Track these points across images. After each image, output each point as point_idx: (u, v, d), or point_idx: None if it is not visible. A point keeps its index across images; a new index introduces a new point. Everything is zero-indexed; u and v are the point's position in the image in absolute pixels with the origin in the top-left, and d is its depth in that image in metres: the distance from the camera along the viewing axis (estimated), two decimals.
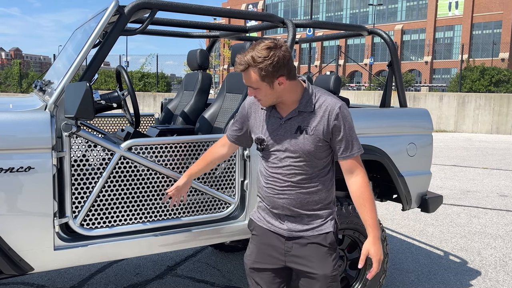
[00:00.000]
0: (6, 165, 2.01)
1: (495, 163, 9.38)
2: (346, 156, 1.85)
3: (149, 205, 2.36)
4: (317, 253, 1.91)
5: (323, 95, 1.85)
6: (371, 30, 3.30)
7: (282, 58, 1.71)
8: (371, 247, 1.85)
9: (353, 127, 1.85)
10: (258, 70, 1.71)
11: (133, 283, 3.50)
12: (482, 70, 17.72)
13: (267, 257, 1.98)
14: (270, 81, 1.74)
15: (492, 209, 5.87)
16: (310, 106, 1.83)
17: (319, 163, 1.87)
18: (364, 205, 1.85)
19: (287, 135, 1.85)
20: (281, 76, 1.74)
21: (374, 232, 1.84)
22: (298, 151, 1.83)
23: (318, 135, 1.81)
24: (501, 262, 4.08)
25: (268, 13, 2.82)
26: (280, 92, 1.79)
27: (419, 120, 3.27)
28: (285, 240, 1.93)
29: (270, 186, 1.92)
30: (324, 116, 1.81)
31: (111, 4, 2.27)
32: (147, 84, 21.37)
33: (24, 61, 33.95)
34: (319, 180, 1.89)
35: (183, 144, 2.41)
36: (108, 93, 2.75)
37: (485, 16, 49.06)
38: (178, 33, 3.74)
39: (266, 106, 1.86)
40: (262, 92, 1.78)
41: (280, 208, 1.92)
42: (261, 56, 1.69)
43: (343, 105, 1.82)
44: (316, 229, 1.91)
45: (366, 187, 1.85)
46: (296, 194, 1.88)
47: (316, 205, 1.91)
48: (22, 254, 2.11)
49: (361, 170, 1.87)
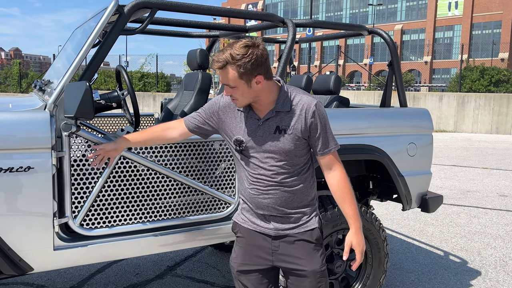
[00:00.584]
0: (6, 165, 2.01)
1: (495, 163, 9.38)
2: (324, 152, 1.88)
3: (149, 205, 2.36)
4: (305, 250, 1.93)
5: (298, 94, 1.87)
6: (371, 29, 3.30)
7: (260, 57, 1.71)
8: (353, 238, 1.90)
9: (328, 124, 1.89)
10: (237, 67, 1.69)
11: (133, 283, 3.50)
12: (482, 70, 17.72)
13: (254, 258, 1.97)
14: (248, 79, 1.73)
15: (492, 209, 5.87)
16: (287, 105, 1.83)
17: (299, 160, 1.90)
18: (344, 198, 1.89)
19: (266, 135, 1.84)
20: (259, 74, 1.74)
21: (356, 223, 1.89)
22: (279, 151, 1.84)
23: (296, 133, 1.84)
24: (501, 262, 4.08)
25: (268, 13, 2.82)
26: (257, 91, 1.78)
27: (419, 120, 3.27)
28: (272, 239, 1.94)
29: (254, 187, 1.90)
30: (301, 115, 1.83)
31: (111, 3, 2.26)
32: (146, 84, 21.36)
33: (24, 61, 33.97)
34: (301, 178, 1.91)
35: (183, 144, 2.41)
36: (108, 93, 2.74)
37: (485, 16, 49.07)
38: (178, 32, 3.73)
39: (242, 106, 1.84)
40: (239, 91, 1.76)
41: (266, 209, 1.91)
42: (239, 53, 1.68)
43: (318, 103, 1.86)
44: (302, 226, 1.93)
45: (345, 181, 1.89)
46: (280, 193, 1.89)
47: (300, 203, 1.93)
48: (21, 254, 2.10)
49: (339, 165, 1.91)
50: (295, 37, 2.81)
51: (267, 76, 1.77)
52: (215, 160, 2.50)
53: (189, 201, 2.47)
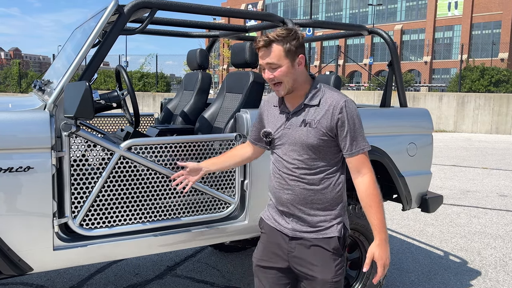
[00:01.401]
0: (5, 165, 2.00)
1: (495, 163, 9.38)
2: (351, 153, 1.81)
3: (149, 205, 2.35)
4: (319, 257, 1.88)
5: (329, 91, 1.86)
6: (371, 29, 3.30)
7: (301, 38, 1.79)
8: (376, 250, 1.79)
9: (359, 123, 1.82)
10: (283, 44, 1.75)
11: (133, 283, 3.49)
12: (482, 70, 17.73)
13: (272, 255, 1.97)
14: (292, 58, 1.77)
15: (492, 209, 5.87)
16: (315, 100, 1.83)
17: (323, 159, 1.85)
18: (370, 206, 1.80)
19: (293, 128, 1.86)
20: (302, 54, 1.80)
21: (380, 234, 1.79)
22: (301, 144, 1.84)
23: (321, 128, 1.81)
24: (501, 262, 4.08)
25: (268, 13, 2.82)
26: (297, 74, 1.81)
27: (419, 120, 3.27)
28: (289, 240, 1.92)
29: (277, 181, 1.93)
30: (328, 111, 1.80)
31: (111, 3, 2.26)
32: (146, 84, 21.37)
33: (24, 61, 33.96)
34: (325, 179, 1.87)
35: (182, 144, 2.40)
36: (108, 93, 2.74)
37: (485, 16, 49.09)
38: (177, 32, 3.73)
39: (283, 93, 1.85)
40: (283, 71, 1.78)
41: (285, 205, 1.91)
42: (284, 33, 1.75)
43: (349, 101, 1.81)
44: (320, 232, 1.88)
45: (373, 188, 1.81)
46: (300, 190, 1.87)
47: (320, 205, 1.88)
48: (21, 254, 2.10)
49: (368, 169, 1.83)
50: None
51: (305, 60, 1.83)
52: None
53: (189, 201, 2.47)
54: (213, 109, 3.31)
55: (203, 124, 3.26)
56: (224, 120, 3.16)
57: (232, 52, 3.16)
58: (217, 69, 39.79)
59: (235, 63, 3.14)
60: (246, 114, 2.54)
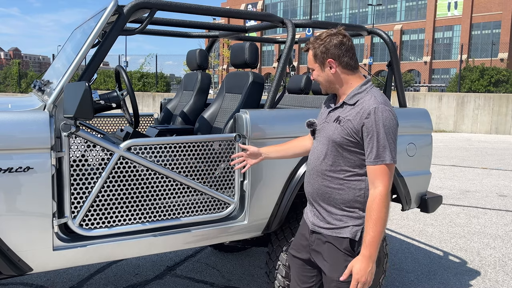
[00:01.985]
0: (5, 165, 2.00)
1: (494, 163, 9.39)
2: (371, 161, 1.77)
3: (148, 205, 2.35)
4: (331, 255, 1.91)
5: (370, 95, 1.84)
6: (371, 30, 3.30)
7: (335, 43, 1.85)
8: (356, 264, 1.76)
9: (389, 133, 1.75)
10: (312, 50, 1.90)
11: (133, 283, 3.49)
12: (482, 70, 17.73)
13: (299, 245, 2.08)
14: (321, 62, 1.89)
15: (491, 209, 5.87)
16: (353, 100, 1.86)
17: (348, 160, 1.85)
18: (368, 220, 1.75)
19: (329, 123, 1.92)
20: (331, 58, 1.85)
21: (365, 250, 1.75)
22: (328, 138, 1.89)
23: (347, 128, 1.82)
24: (501, 262, 4.08)
25: (268, 13, 2.82)
26: (330, 76, 1.89)
27: (419, 120, 3.27)
28: (310, 233, 2.01)
29: (307, 171, 2.02)
30: (359, 113, 1.81)
31: (110, 3, 2.26)
32: (146, 84, 21.36)
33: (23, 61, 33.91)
34: (345, 180, 1.88)
35: (182, 144, 2.40)
36: (107, 93, 2.74)
37: (484, 16, 49.09)
38: (177, 33, 3.73)
39: (324, 91, 1.98)
40: (315, 73, 1.93)
41: (308, 197, 2.02)
42: (318, 39, 1.88)
43: (381, 108, 1.76)
44: (334, 230, 1.90)
45: (378, 203, 1.73)
46: (319, 186, 1.93)
47: (336, 205, 1.90)
48: (21, 254, 2.10)
49: (382, 183, 1.74)
50: (295, 37, 2.81)
51: (342, 64, 1.87)
52: (215, 160, 2.50)
53: (189, 202, 2.47)
54: (212, 109, 3.31)
55: (203, 124, 3.26)
56: (223, 120, 3.16)
57: (232, 52, 3.16)
58: (217, 69, 39.76)
59: (234, 63, 3.14)
60: (245, 114, 2.54)
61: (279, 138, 2.61)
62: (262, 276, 3.68)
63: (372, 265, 1.75)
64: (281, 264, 2.69)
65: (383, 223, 1.74)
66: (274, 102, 2.73)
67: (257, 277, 3.67)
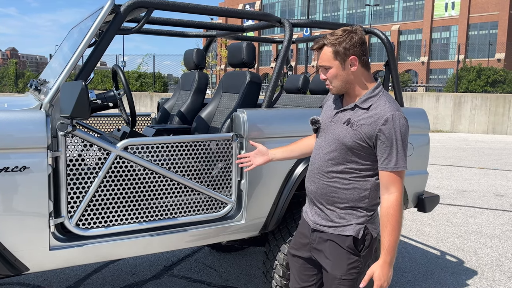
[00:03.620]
0: (1, 165, 1.99)
1: (491, 163, 9.41)
2: (384, 167, 1.78)
3: (145, 205, 2.35)
4: (334, 252, 1.91)
5: (384, 99, 1.83)
6: (368, 29, 3.30)
7: (357, 40, 1.79)
8: (376, 270, 1.79)
9: (402, 140, 1.76)
10: (332, 46, 1.80)
11: (130, 283, 3.49)
12: (479, 70, 17.78)
13: (300, 244, 2.06)
14: (342, 60, 1.81)
15: (488, 208, 5.88)
16: (367, 104, 1.83)
17: (356, 163, 1.85)
18: (386, 226, 1.77)
19: (337, 123, 1.89)
20: (353, 55, 1.80)
21: (386, 256, 1.78)
22: (337, 140, 1.86)
23: (360, 132, 1.80)
24: (497, 262, 4.09)
25: (265, 13, 2.82)
26: (350, 75, 1.83)
27: (416, 120, 3.27)
28: (311, 231, 1.99)
29: (310, 169, 1.99)
30: (373, 118, 1.79)
31: (107, 3, 2.25)
32: (143, 84, 21.34)
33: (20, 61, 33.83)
34: (350, 180, 1.87)
35: (179, 143, 2.40)
36: (104, 93, 2.73)
37: (482, 16, 49.22)
38: (174, 32, 3.73)
39: (337, 92, 1.90)
40: (333, 73, 1.83)
41: (310, 195, 1.99)
42: (336, 35, 1.80)
43: (398, 115, 1.76)
44: (337, 228, 1.90)
45: (395, 209, 1.76)
46: (323, 185, 1.91)
47: (340, 204, 1.89)
48: (17, 254, 2.09)
49: (397, 189, 1.78)
50: (292, 37, 2.81)
51: (362, 62, 1.83)
52: (212, 160, 2.49)
53: (186, 201, 2.46)
54: (210, 109, 3.30)
55: (200, 124, 3.26)
56: (221, 120, 3.16)
57: (229, 52, 3.16)
58: (214, 69, 39.76)
59: (232, 63, 3.13)
60: (243, 114, 2.54)
61: (276, 138, 2.61)
62: (260, 275, 3.68)
63: (391, 269, 1.81)
64: (278, 263, 2.69)
65: (400, 227, 1.79)
66: (271, 101, 2.73)
67: (255, 276, 3.67)
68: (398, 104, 1.88)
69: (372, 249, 1.94)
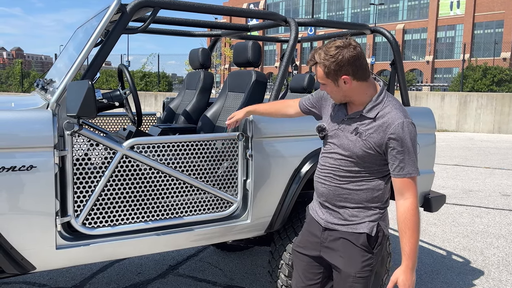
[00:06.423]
0: (8, 164, 2.00)
1: (497, 163, 9.36)
2: (397, 174, 1.79)
3: (151, 204, 2.35)
4: (347, 250, 1.91)
5: (390, 106, 1.82)
6: (374, 28, 3.29)
7: (348, 58, 1.75)
8: (400, 275, 1.80)
9: (411, 147, 1.77)
10: (323, 67, 1.80)
11: (135, 282, 3.49)
12: (484, 69, 17.69)
13: (307, 242, 2.06)
14: (334, 79, 1.81)
15: (494, 208, 5.85)
16: (373, 113, 1.83)
17: (368, 168, 1.87)
18: (405, 232, 1.79)
19: (345, 132, 1.89)
20: (345, 75, 1.78)
21: (408, 261, 1.79)
22: (347, 150, 1.86)
23: (370, 142, 1.81)
24: (504, 262, 4.07)
25: (271, 12, 2.81)
26: (346, 91, 1.83)
27: (422, 119, 3.25)
28: (322, 230, 1.99)
29: (319, 172, 2.00)
30: (382, 127, 1.79)
31: (113, 2, 2.25)
32: (148, 83, 21.38)
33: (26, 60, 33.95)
34: (363, 182, 1.88)
35: (185, 143, 2.40)
36: (110, 92, 2.74)
37: (487, 15, 48.94)
38: (179, 32, 3.73)
39: (338, 102, 1.93)
40: (329, 88, 1.86)
41: (322, 196, 1.98)
42: (327, 54, 1.77)
43: (406, 122, 1.77)
44: (350, 226, 1.91)
45: (412, 214, 1.78)
46: (334, 187, 1.92)
47: (353, 204, 1.90)
48: (24, 253, 2.10)
49: (412, 194, 1.79)
50: (298, 36, 2.80)
51: (357, 77, 1.80)
52: (218, 159, 2.49)
53: (191, 200, 2.46)
54: (215, 108, 3.30)
55: (205, 123, 3.26)
56: (226, 119, 3.16)
57: (235, 51, 3.16)
58: (219, 69, 39.76)
59: (237, 62, 3.13)
60: None
61: (282, 137, 2.61)
62: (265, 275, 3.68)
63: (414, 274, 1.81)
64: (284, 263, 2.69)
65: (419, 231, 1.80)
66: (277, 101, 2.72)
67: (260, 276, 3.67)
68: (404, 107, 1.88)
69: (383, 246, 1.95)
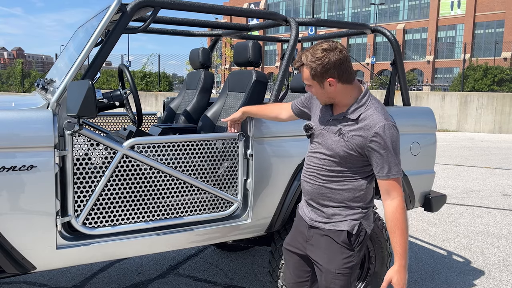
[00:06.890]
0: (9, 164, 2.00)
1: (498, 163, 9.35)
2: (382, 176, 1.83)
3: (152, 204, 2.35)
4: (328, 247, 1.96)
5: (373, 109, 1.85)
6: (374, 28, 3.29)
7: (334, 61, 1.78)
8: (394, 275, 1.83)
9: (394, 149, 1.81)
10: (309, 68, 1.82)
11: (135, 282, 3.49)
12: (485, 69, 17.66)
13: (295, 241, 2.11)
14: (319, 81, 1.84)
15: (495, 208, 5.85)
16: (355, 114, 1.86)
17: (350, 169, 1.90)
18: (394, 231, 1.82)
19: (329, 133, 1.92)
20: (331, 77, 1.81)
21: (401, 260, 1.83)
22: (330, 150, 1.90)
23: (352, 143, 1.84)
24: (505, 262, 4.06)
25: (272, 12, 2.81)
26: (331, 93, 1.87)
27: (423, 119, 3.25)
28: (308, 228, 2.03)
29: (304, 170, 2.03)
30: (363, 129, 1.82)
31: (114, 2, 2.25)
32: (149, 83, 21.38)
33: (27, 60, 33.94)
34: (346, 182, 1.92)
35: (185, 142, 2.40)
36: (111, 92, 2.74)
37: (488, 15, 48.90)
38: (180, 31, 3.73)
39: (323, 104, 1.96)
40: (314, 90, 1.90)
41: (307, 195, 2.02)
42: (314, 56, 1.80)
43: (388, 125, 1.80)
44: (332, 224, 1.95)
45: (400, 213, 1.82)
46: (319, 186, 1.96)
47: (336, 202, 1.94)
48: (24, 253, 2.10)
49: (398, 194, 1.84)
50: (298, 36, 2.80)
51: (342, 80, 1.83)
52: (218, 159, 2.49)
53: (192, 200, 2.46)
54: (215, 108, 3.30)
55: (206, 123, 3.26)
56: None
57: (235, 51, 3.15)
58: (219, 69, 39.78)
59: (238, 62, 3.13)
60: None
61: (282, 137, 2.61)
62: (265, 275, 3.68)
63: (407, 272, 1.86)
64: (284, 263, 2.68)
65: (407, 230, 1.85)
66: (277, 100, 2.72)
67: (260, 276, 3.67)
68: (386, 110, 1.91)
69: (364, 245, 2.00)
